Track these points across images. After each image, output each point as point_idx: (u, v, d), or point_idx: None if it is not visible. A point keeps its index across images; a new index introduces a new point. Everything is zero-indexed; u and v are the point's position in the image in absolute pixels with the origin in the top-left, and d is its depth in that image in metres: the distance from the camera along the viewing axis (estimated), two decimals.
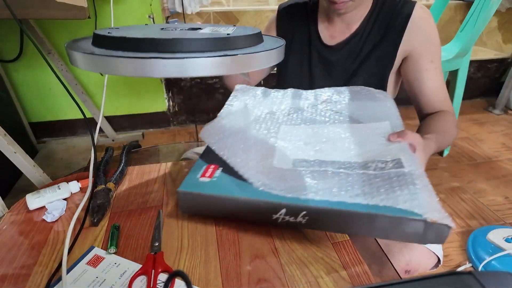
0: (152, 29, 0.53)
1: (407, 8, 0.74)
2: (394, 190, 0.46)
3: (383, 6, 0.76)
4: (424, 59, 0.75)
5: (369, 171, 0.51)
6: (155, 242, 0.51)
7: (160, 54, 0.40)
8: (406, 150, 0.54)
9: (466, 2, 2.40)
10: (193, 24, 0.60)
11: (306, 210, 0.47)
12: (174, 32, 0.50)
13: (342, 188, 0.48)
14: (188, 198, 0.53)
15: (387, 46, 0.76)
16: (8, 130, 1.00)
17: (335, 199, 0.46)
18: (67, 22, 1.70)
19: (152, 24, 0.56)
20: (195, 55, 0.41)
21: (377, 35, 0.77)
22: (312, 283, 0.45)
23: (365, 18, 0.77)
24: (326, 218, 0.47)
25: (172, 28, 0.53)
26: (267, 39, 0.55)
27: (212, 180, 0.54)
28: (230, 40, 0.46)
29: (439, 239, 0.45)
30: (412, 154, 0.53)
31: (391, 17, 0.75)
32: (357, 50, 0.79)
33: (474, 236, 1.26)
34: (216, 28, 0.54)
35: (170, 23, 0.71)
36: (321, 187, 0.49)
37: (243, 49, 0.47)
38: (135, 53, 0.41)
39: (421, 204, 0.43)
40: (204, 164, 0.58)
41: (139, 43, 0.42)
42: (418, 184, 0.47)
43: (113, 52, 0.42)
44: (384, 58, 0.77)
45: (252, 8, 2.24)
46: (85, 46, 0.46)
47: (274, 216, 0.48)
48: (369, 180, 0.49)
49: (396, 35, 0.75)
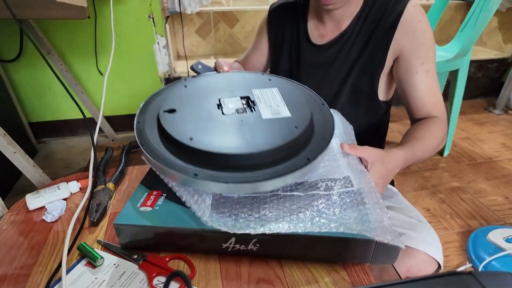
0: (215, 114, 0.55)
1: (398, 6, 0.71)
2: (345, 213, 0.46)
3: (374, 4, 0.73)
4: (414, 61, 0.71)
5: (320, 191, 0.50)
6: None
7: (252, 175, 0.45)
8: (355, 167, 0.54)
9: (466, 2, 2.40)
10: (234, 83, 0.64)
11: (256, 238, 0.45)
12: (243, 124, 0.53)
13: (294, 216, 0.46)
14: (128, 231, 0.48)
15: (377, 46, 0.73)
16: (8, 130, 1.00)
17: (285, 230, 0.44)
18: (67, 22, 1.70)
19: (209, 103, 0.59)
20: (285, 172, 0.45)
21: (367, 34, 0.74)
22: (312, 283, 0.45)
23: (355, 16, 0.74)
24: (277, 244, 0.46)
25: (231, 112, 0.56)
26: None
27: (154, 209, 0.49)
28: (304, 150, 0.50)
29: (390, 259, 0.46)
30: (363, 170, 0.53)
31: (382, 15, 0.72)
32: (346, 50, 0.76)
33: (474, 236, 1.26)
34: (271, 104, 0.58)
35: (194, 66, 0.70)
36: (273, 217, 0.46)
37: (313, 148, 0.51)
38: (229, 173, 0.45)
39: (371, 228, 0.44)
40: (145, 191, 0.53)
41: (232, 162, 0.47)
42: (368, 203, 0.47)
43: (210, 173, 0.46)
44: (374, 58, 0.74)
45: (252, 8, 2.24)
46: (157, 147, 0.50)
47: (224, 245, 0.47)
48: (318, 205, 0.47)
49: (386, 34, 0.72)
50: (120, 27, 1.76)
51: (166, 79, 2.00)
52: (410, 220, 0.72)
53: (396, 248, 0.44)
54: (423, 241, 0.65)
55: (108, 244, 0.51)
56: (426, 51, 0.71)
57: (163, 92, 0.64)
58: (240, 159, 0.46)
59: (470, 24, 1.50)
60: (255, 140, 0.49)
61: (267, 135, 0.50)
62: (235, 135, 0.50)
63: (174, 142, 0.49)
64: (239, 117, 0.54)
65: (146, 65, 1.92)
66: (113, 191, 0.62)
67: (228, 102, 0.58)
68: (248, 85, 0.63)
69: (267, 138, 0.49)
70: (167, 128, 0.50)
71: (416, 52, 0.71)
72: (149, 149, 0.49)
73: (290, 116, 0.55)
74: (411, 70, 0.72)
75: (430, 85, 0.72)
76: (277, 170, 0.46)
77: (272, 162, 0.47)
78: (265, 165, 0.47)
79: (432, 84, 0.72)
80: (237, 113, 0.56)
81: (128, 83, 1.96)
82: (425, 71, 0.71)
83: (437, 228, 1.36)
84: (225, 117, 0.54)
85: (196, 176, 0.44)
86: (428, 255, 0.64)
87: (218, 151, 0.46)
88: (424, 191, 1.58)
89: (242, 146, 0.48)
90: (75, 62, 1.82)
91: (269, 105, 0.58)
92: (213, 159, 0.46)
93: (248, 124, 0.52)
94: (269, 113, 0.55)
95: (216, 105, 0.57)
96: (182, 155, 0.48)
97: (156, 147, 0.49)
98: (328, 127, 0.55)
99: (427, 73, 0.71)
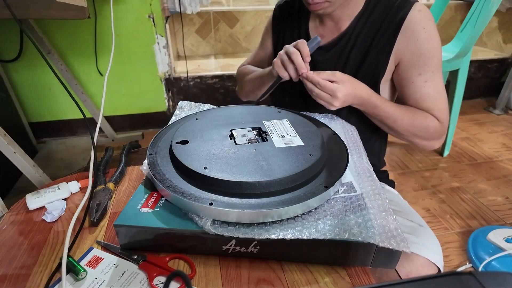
0: (227, 145, 0.56)
1: (403, 8, 0.67)
2: (349, 219, 0.46)
3: (377, 5, 0.70)
4: (411, 71, 0.69)
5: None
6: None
7: (268, 201, 0.46)
8: (356, 172, 0.55)
9: (466, 2, 2.40)
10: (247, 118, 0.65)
11: (257, 241, 0.45)
12: (257, 153, 0.53)
13: (298, 223, 0.46)
14: (128, 232, 0.48)
15: (379, 52, 0.70)
16: (8, 130, 1.00)
17: (289, 236, 0.44)
18: (67, 22, 1.70)
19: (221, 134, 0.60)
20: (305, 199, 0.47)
21: (368, 36, 0.71)
22: (312, 283, 0.45)
23: (355, 16, 0.71)
24: (278, 247, 0.46)
25: (243, 142, 0.57)
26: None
27: (155, 210, 0.49)
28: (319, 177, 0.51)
29: (391, 263, 0.47)
30: (364, 176, 0.54)
31: (385, 18, 0.68)
32: (346, 52, 0.73)
33: (474, 236, 1.26)
34: (283, 134, 0.59)
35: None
36: (278, 223, 0.46)
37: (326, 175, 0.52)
38: (244, 199, 0.46)
39: (375, 233, 0.44)
40: (146, 192, 0.53)
41: (248, 190, 0.47)
42: (372, 208, 0.48)
43: (225, 199, 0.47)
44: (375, 63, 0.71)
45: (252, 8, 2.24)
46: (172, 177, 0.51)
47: (224, 247, 0.47)
48: (322, 212, 0.48)
49: (388, 41, 0.69)
50: (120, 27, 1.76)
51: (166, 79, 2.00)
52: (410, 224, 0.71)
53: (397, 252, 0.44)
54: (423, 246, 0.65)
55: (108, 244, 0.51)
56: (426, 62, 0.68)
57: (174, 125, 0.66)
58: (256, 187, 0.47)
59: (470, 24, 1.50)
60: (271, 168, 0.50)
61: (283, 163, 0.51)
62: (250, 163, 0.51)
63: (188, 171, 0.50)
64: (252, 146, 0.55)
65: (146, 65, 1.92)
66: (113, 191, 0.62)
67: (240, 133, 0.60)
68: (258, 117, 0.65)
69: (282, 165, 0.50)
70: (181, 158, 0.52)
71: (415, 63, 0.68)
72: (162, 180, 0.50)
73: (303, 144, 0.56)
74: (407, 80, 0.71)
75: (428, 95, 0.70)
76: (296, 197, 0.47)
77: (289, 189, 0.48)
78: (282, 192, 0.48)
79: (431, 94, 0.70)
80: (249, 143, 0.57)
81: (128, 83, 1.96)
82: (422, 82, 0.69)
83: (437, 228, 1.36)
84: (238, 147, 0.55)
85: (211, 204, 0.45)
86: (428, 260, 0.63)
87: (233, 179, 0.47)
88: (424, 191, 1.58)
89: (258, 174, 0.48)
90: (75, 62, 1.82)
91: (281, 135, 0.59)
92: (228, 187, 0.47)
93: (262, 153, 0.53)
94: (282, 143, 0.56)
95: (228, 136, 0.59)
96: (197, 184, 0.49)
97: (169, 177, 0.51)
98: (341, 156, 0.56)
99: (424, 83, 0.70)
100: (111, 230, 0.54)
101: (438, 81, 0.71)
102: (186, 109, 0.75)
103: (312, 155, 0.53)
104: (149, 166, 0.53)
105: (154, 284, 0.44)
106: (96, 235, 0.53)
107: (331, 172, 0.52)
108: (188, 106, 0.76)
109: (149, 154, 0.56)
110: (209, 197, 0.47)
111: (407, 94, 0.72)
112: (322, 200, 0.49)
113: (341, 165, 0.54)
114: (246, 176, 0.48)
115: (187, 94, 2.06)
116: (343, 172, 0.52)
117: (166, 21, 1.86)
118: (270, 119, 0.65)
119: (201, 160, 0.51)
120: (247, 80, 0.88)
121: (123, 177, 0.68)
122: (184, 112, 0.74)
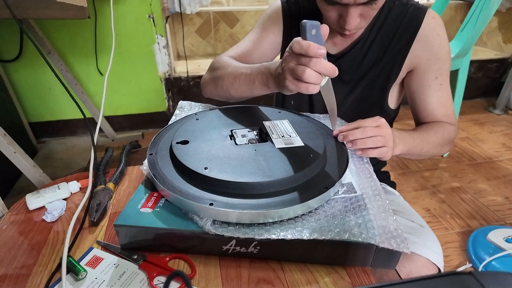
0: (228, 145, 0.56)
1: (416, 16, 0.67)
2: (349, 220, 0.46)
3: (390, 13, 0.70)
4: (428, 75, 0.70)
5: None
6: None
7: (267, 202, 0.46)
8: (356, 173, 0.55)
9: (466, 2, 2.40)
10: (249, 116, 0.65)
11: (257, 241, 0.45)
12: (257, 154, 0.53)
13: (298, 224, 0.46)
14: (128, 232, 0.48)
15: (392, 59, 0.70)
16: (8, 130, 1.00)
17: (289, 236, 0.44)
18: (67, 22, 1.70)
19: (220, 135, 0.59)
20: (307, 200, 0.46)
21: (381, 44, 0.71)
22: (312, 283, 0.45)
23: (369, 24, 0.70)
24: (278, 247, 0.46)
25: (243, 142, 0.57)
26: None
27: (155, 210, 0.49)
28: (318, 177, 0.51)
29: (391, 263, 0.47)
30: (364, 176, 0.54)
31: (399, 26, 0.69)
32: (359, 60, 0.73)
33: (474, 236, 1.26)
34: (283, 134, 0.58)
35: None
36: (278, 224, 0.46)
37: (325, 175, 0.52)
38: (244, 199, 0.46)
39: (375, 234, 0.44)
40: (146, 192, 0.52)
41: (248, 190, 0.47)
42: (372, 208, 0.48)
43: (227, 200, 0.46)
44: (388, 70, 0.72)
45: (252, 8, 2.24)
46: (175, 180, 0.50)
47: (224, 247, 0.47)
48: (322, 212, 0.48)
49: (403, 46, 0.69)
50: (120, 27, 1.76)
51: (166, 79, 2.00)
52: (411, 225, 0.71)
53: (397, 252, 0.44)
54: (424, 246, 0.65)
55: (108, 244, 0.51)
56: (441, 66, 0.70)
57: (174, 125, 0.66)
58: (256, 187, 0.47)
59: (470, 24, 1.50)
60: (271, 169, 0.50)
61: (283, 163, 0.51)
62: (250, 164, 0.51)
63: (188, 171, 0.50)
64: (253, 147, 0.55)
65: (146, 65, 1.92)
66: (113, 191, 0.62)
67: (240, 133, 0.60)
68: (259, 118, 0.65)
69: (283, 166, 0.50)
70: (181, 158, 0.52)
71: (431, 67, 0.70)
72: (163, 180, 0.50)
73: (303, 145, 0.56)
74: (424, 85, 0.71)
75: (442, 98, 0.72)
76: (296, 197, 0.47)
77: (290, 190, 0.48)
78: (282, 192, 0.48)
79: (444, 97, 0.72)
80: (250, 143, 0.57)
81: (128, 83, 1.96)
82: (438, 85, 0.71)
83: (437, 228, 1.36)
84: (238, 147, 0.55)
85: (211, 205, 0.45)
86: (429, 260, 0.63)
87: (234, 179, 0.47)
88: (424, 191, 1.58)
89: (258, 174, 0.48)
90: (75, 62, 1.82)
91: (281, 135, 0.59)
92: (228, 188, 0.47)
93: (262, 154, 0.53)
94: (282, 143, 0.56)
95: (228, 136, 0.59)
96: (197, 184, 0.49)
97: (169, 177, 0.51)
98: (342, 156, 0.56)
99: (440, 86, 0.71)
100: (111, 230, 0.54)
101: (448, 86, 0.73)
102: (186, 109, 0.75)
103: (312, 155, 0.53)
104: (149, 166, 0.53)
105: (154, 284, 0.44)
106: (96, 235, 0.53)
107: (331, 173, 0.52)
108: (188, 106, 0.76)
109: (149, 154, 0.56)
110: (209, 197, 0.47)
111: (423, 99, 0.72)
112: (322, 201, 0.49)
113: (341, 165, 0.54)
114: (247, 177, 0.48)
115: (187, 94, 2.06)
116: (343, 173, 0.52)
117: (166, 21, 1.86)
118: (271, 119, 0.65)
119: (201, 160, 0.51)
120: (229, 73, 0.69)
121: (123, 177, 0.68)
122: (184, 112, 0.74)
